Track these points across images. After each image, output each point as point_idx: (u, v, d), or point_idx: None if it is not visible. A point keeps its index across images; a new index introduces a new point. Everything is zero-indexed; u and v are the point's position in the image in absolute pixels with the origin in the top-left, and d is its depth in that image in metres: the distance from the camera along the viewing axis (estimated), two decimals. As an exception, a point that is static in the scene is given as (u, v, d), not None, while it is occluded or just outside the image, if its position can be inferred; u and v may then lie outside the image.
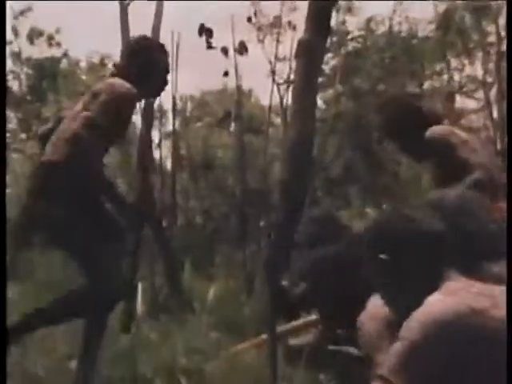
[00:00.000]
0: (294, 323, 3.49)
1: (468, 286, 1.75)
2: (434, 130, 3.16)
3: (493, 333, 1.62)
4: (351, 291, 2.60)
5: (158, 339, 4.00)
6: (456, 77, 10.80)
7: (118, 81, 3.18)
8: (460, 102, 10.73)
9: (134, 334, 3.86)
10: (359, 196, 11.57)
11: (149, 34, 11.42)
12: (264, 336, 3.27)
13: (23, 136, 9.66)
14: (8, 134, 11.22)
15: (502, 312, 1.65)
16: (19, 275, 6.22)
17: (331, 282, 3.04)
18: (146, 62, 3.21)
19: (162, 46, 3.45)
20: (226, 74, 7.28)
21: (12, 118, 12.10)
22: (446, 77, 10.97)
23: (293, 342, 3.31)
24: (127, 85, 3.10)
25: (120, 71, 3.30)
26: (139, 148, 5.80)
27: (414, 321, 1.68)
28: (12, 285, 5.41)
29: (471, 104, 10.50)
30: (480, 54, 10.03)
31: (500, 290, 1.74)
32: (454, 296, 1.71)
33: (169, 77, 3.48)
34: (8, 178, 8.73)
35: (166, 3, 6.19)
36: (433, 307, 1.69)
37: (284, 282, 3.42)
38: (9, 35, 11.88)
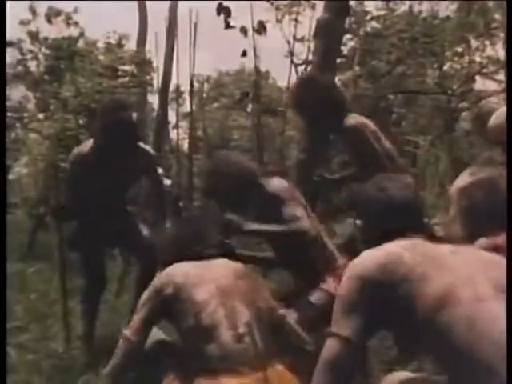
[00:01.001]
0: None
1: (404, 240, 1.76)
2: (349, 121, 3.38)
3: (407, 274, 1.63)
4: None
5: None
6: (477, 58, 10.59)
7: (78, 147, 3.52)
8: (481, 83, 10.55)
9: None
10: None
11: (166, 13, 11.23)
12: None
13: (41, 116, 9.69)
14: (25, 114, 11.28)
15: (414, 257, 1.65)
16: (36, 255, 6.29)
17: None
18: (109, 122, 3.29)
19: (125, 105, 3.51)
20: (244, 54, 7.22)
21: (30, 98, 12.16)
22: (466, 58, 10.77)
23: None
24: (80, 149, 3.40)
25: (92, 134, 3.58)
26: (156, 128, 5.80)
27: (344, 276, 1.74)
28: (29, 265, 5.49)
29: (492, 86, 10.32)
30: (502, 35, 9.81)
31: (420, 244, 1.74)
32: (381, 249, 1.73)
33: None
34: (25, 159, 8.78)
35: (183, -18, 6.15)
36: (360, 261, 1.73)
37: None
38: (27, 14, 11.91)
